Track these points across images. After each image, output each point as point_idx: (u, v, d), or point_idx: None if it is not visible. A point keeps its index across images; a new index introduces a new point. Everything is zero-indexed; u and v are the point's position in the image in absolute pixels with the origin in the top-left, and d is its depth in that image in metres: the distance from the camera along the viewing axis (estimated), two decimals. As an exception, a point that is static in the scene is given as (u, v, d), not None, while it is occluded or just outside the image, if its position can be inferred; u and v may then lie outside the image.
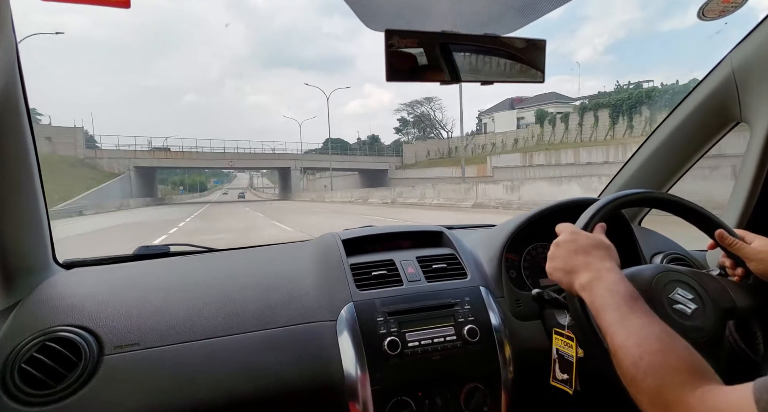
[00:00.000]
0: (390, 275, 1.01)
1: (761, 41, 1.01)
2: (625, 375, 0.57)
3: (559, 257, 0.73)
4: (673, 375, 0.52)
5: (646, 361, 0.55)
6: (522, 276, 1.12)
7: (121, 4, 0.79)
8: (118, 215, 20.75)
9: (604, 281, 0.66)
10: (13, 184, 0.90)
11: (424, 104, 55.39)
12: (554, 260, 0.74)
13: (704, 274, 0.81)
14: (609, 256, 0.71)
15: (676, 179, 1.33)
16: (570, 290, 0.71)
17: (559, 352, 0.89)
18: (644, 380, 0.54)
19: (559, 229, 0.78)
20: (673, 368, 0.53)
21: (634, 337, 0.57)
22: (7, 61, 0.80)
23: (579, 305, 0.70)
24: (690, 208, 0.83)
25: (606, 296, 0.64)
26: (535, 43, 0.83)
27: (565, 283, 0.72)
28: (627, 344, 0.57)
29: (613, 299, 0.63)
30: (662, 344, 0.56)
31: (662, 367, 0.53)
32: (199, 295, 0.95)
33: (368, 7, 0.81)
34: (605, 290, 0.64)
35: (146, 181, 40.89)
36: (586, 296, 0.67)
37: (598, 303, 0.64)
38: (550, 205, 1.12)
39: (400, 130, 60.54)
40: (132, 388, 0.80)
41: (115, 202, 27.91)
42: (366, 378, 0.85)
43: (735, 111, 1.10)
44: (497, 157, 33.26)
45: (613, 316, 0.61)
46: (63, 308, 0.89)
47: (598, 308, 0.64)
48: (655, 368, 0.54)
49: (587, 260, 0.70)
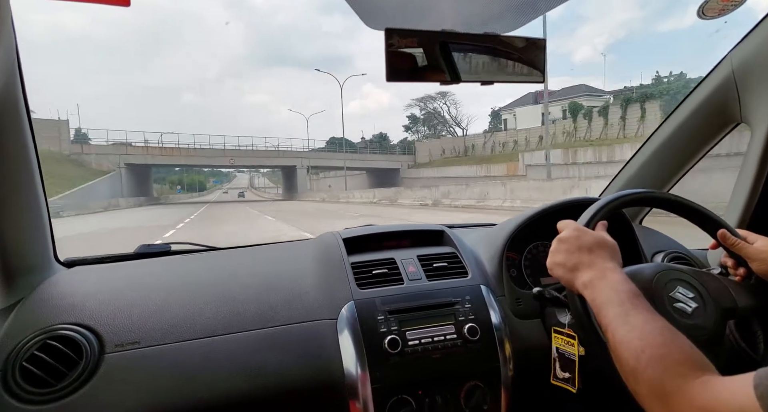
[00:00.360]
0: (391, 273, 1.02)
1: (761, 41, 1.01)
2: (625, 367, 0.57)
3: (562, 253, 0.72)
4: (674, 366, 0.53)
5: (647, 353, 0.55)
6: (523, 275, 1.12)
7: (121, 3, 0.79)
8: (100, 218, 18.26)
9: (607, 280, 0.66)
10: (13, 183, 0.90)
11: (437, 99, 53.30)
12: (556, 256, 0.73)
13: (705, 273, 0.81)
14: (612, 255, 0.71)
15: (677, 179, 1.33)
16: (571, 288, 0.71)
17: (559, 350, 0.89)
18: (645, 372, 0.54)
19: (561, 225, 0.78)
20: (674, 360, 0.53)
21: (636, 331, 0.58)
22: (6, 61, 0.80)
23: (580, 303, 0.70)
24: (691, 207, 0.83)
25: (609, 293, 0.64)
26: (535, 42, 0.83)
27: (566, 280, 0.71)
28: (629, 338, 0.57)
29: (616, 296, 0.63)
30: (664, 338, 0.56)
31: (664, 359, 0.54)
32: (199, 294, 0.96)
33: (368, 6, 0.81)
34: (608, 288, 0.64)
35: (140, 179, 38.89)
36: (588, 294, 0.67)
37: (600, 300, 0.64)
38: (551, 204, 1.12)
39: (409, 128, 59.09)
40: (133, 386, 0.80)
41: (102, 202, 25.47)
42: (366, 377, 0.85)
43: (735, 111, 1.10)
44: (530, 155, 30.39)
45: (615, 312, 0.61)
46: (64, 307, 0.89)
47: (599, 305, 0.64)
48: (657, 359, 0.54)
49: (590, 258, 0.69)
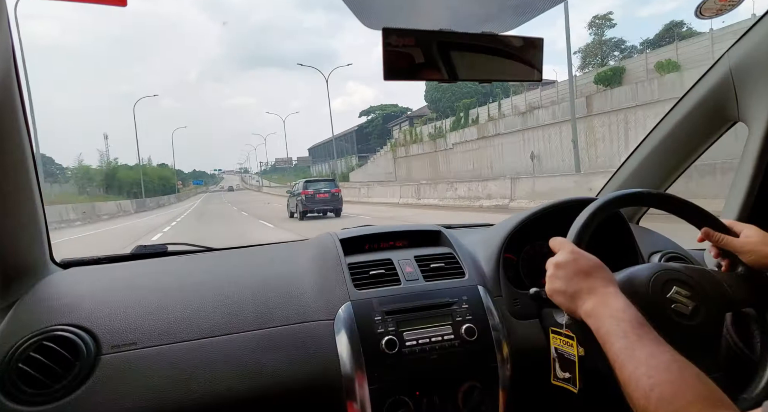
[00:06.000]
0: (388, 274, 1.01)
1: (758, 40, 1.01)
2: (637, 406, 0.56)
3: (561, 279, 0.71)
4: (685, 407, 0.51)
5: (657, 392, 0.53)
6: (520, 275, 1.12)
7: (118, 3, 0.79)
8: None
9: (609, 308, 0.64)
10: (10, 184, 0.90)
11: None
12: (555, 283, 0.72)
13: (699, 269, 0.81)
14: (611, 279, 0.70)
15: (674, 178, 1.33)
16: (573, 315, 0.70)
17: (558, 351, 0.89)
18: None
19: (555, 245, 0.76)
20: (686, 400, 0.52)
21: (643, 367, 0.56)
22: (3, 62, 0.80)
23: (586, 334, 0.68)
24: (682, 204, 0.83)
25: (612, 323, 0.62)
26: (532, 41, 0.83)
27: (567, 307, 0.70)
28: (636, 375, 0.56)
29: (619, 327, 0.61)
30: (672, 374, 0.54)
31: (675, 398, 0.52)
32: (196, 294, 0.95)
33: (366, 6, 0.81)
34: (611, 317, 0.63)
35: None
36: (592, 323, 0.65)
37: (604, 331, 0.63)
38: (547, 204, 1.12)
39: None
40: (129, 387, 0.80)
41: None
42: (363, 377, 0.85)
43: (732, 110, 1.10)
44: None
45: (620, 345, 0.60)
46: (60, 308, 0.89)
47: (603, 336, 0.63)
48: (667, 399, 0.52)
49: (589, 283, 0.68)
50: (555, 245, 0.76)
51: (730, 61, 1.07)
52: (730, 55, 1.07)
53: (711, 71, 1.12)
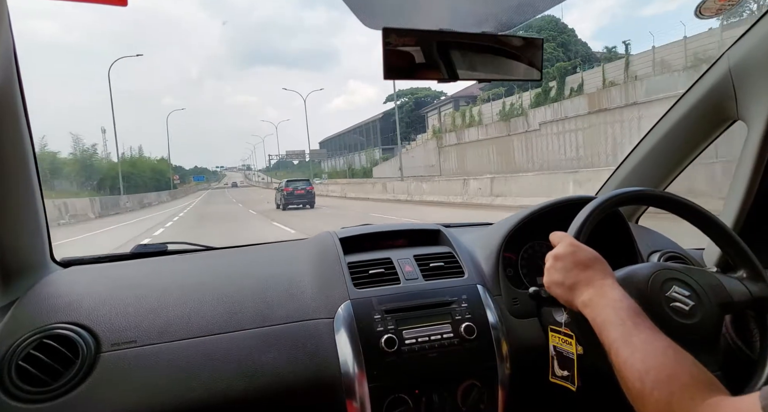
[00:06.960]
0: (387, 273, 1.01)
1: (758, 39, 1.01)
2: (631, 390, 0.56)
3: (559, 271, 0.71)
4: (680, 389, 0.52)
5: (652, 375, 0.54)
6: (519, 274, 1.12)
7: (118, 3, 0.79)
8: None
9: (606, 298, 0.65)
10: (10, 183, 0.90)
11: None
12: (553, 275, 0.72)
13: (699, 270, 0.82)
14: (609, 271, 0.70)
15: (673, 177, 1.33)
16: (570, 306, 0.71)
17: (557, 349, 0.89)
18: (651, 395, 0.53)
19: (554, 239, 0.76)
20: (681, 383, 0.52)
21: (639, 353, 0.57)
22: (4, 62, 0.80)
23: (584, 324, 0.69)
24: (682, 204, 0.83)
25: (609, 312, 0.63)
26: (532, 41, 0.83)
27: (565, 299, 0.71)
28: (632, 360, 0.57)
29: (616, 315, 0.62)
30: (668, 358, 0.55)
31: (669, 381, 0.53)
32: (196, 293, 0.95)
33: (366, 5, 0.81)
34: (608, 307, 0.63)
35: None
36: (589, 314, 0.66)
37: (601, 320, 0.63)
38: (546, 203, 1.12)
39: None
40: (129, 385, 0.80)
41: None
42: (363, 376, 0.85)
43: (732, 109, 1.10)
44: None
45: (616, 332, 0.60)
46: (60, 306, 0.89)
47: (600, 325, 0.63)
48: (662, 382, 0.53)
49: (587, 275, 0.69)
50: (555, 239, 0.77)
51: (730, 61, 1.07)
52: (729, 55, 1.07)
53: (710, 70, 1.12)
